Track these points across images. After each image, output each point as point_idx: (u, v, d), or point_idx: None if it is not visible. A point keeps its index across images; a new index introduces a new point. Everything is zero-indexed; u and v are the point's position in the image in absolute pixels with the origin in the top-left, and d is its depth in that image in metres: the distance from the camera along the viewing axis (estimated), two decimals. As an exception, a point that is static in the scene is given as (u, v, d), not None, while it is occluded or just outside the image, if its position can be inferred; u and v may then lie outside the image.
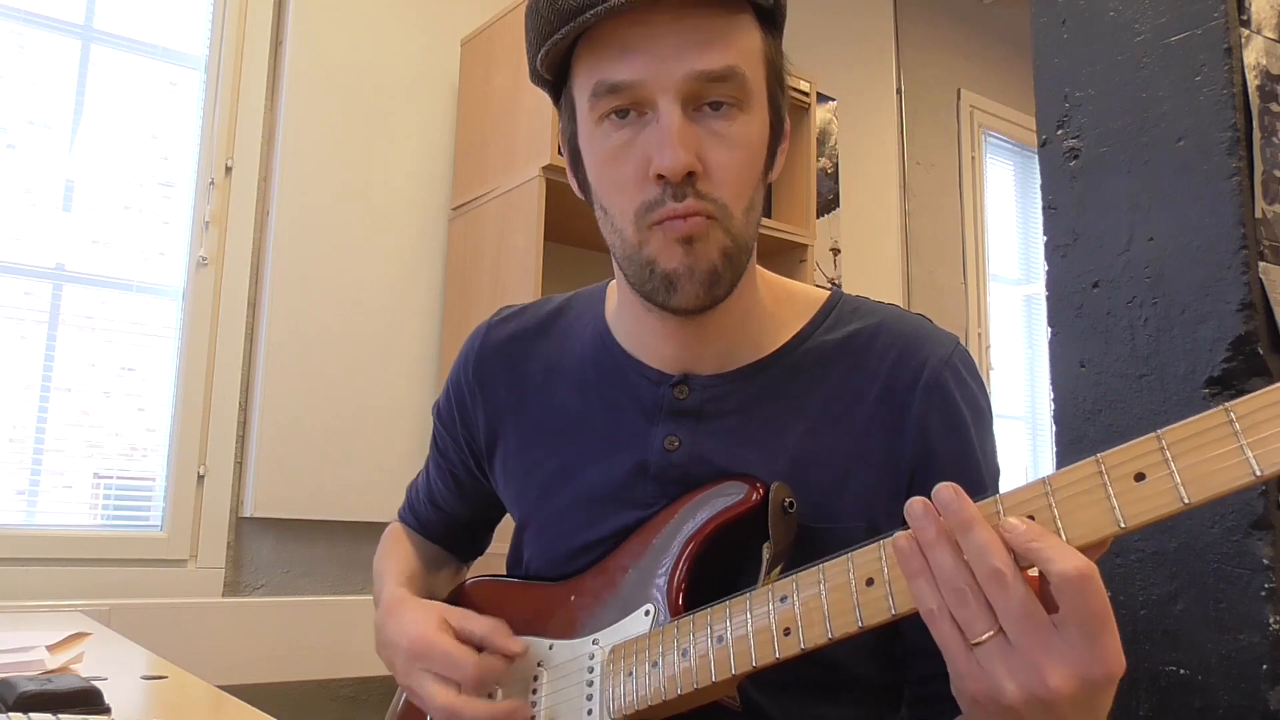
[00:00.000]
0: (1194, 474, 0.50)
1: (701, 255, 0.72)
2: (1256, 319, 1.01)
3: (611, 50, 0.71)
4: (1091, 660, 0.51)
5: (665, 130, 0.70)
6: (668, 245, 0.72)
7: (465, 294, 2.28)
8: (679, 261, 0.72)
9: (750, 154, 0.73)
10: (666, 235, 0.72)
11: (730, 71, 0.70)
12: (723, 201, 0.72)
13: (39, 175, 2.00)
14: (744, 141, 0.72)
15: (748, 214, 0.74)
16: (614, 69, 0.71)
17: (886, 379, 0.78)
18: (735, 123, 0.72)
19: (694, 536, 0.74)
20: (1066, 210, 1.19)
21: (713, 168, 0.71)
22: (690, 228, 0.71)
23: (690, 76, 0.70)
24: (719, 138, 0.71)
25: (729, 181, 0.72)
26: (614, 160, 0.73)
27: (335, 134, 2.27)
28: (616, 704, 0.72)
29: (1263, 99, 1.06)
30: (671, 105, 0.70)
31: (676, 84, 0.70)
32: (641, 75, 0.70)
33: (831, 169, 3.21)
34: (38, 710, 0.82)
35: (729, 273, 0.73)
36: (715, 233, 0.72)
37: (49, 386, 1.97)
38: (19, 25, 2.00)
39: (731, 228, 0.72)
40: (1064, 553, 0.51)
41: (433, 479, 1.03)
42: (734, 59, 0.71)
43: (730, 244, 0.73)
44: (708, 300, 0.73)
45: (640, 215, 0.72)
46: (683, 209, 0.70)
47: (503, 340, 0.93)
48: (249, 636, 2.05)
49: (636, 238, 0.73)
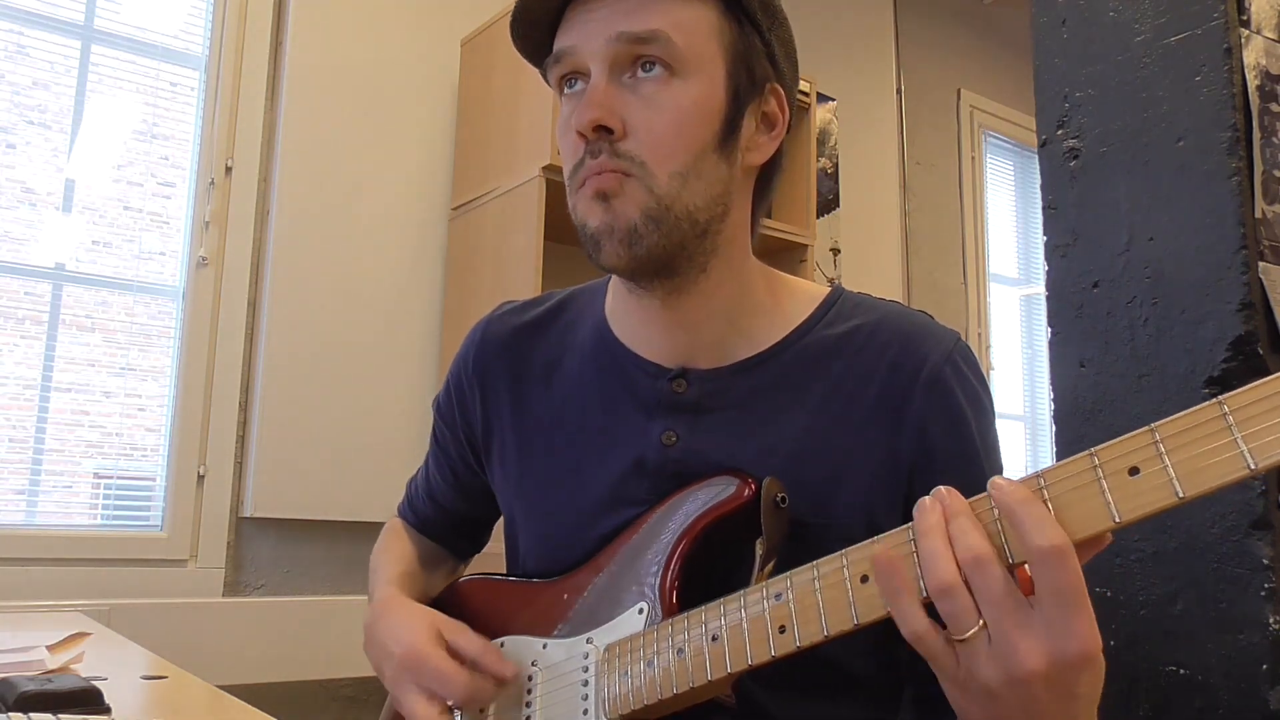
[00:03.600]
0: (1188, 468, 0.50)
1: (619, 213, 0.73)
2: (1256, 319, 1.01)
3: (564, 30, 0.77)
4: (1066, 637, 0.52)
5: (586, 91, 0.74)
6: (588, 203, 0.75)
7: (465, 294, 2.28)
8: (599, 219, 0.74)
9: (680, 118, 0.74)
10: (586, 191, 0.74)
11: (653, 35, 0.73)
12: (641, 159, 0.73)
13: (39, 175, 2.00)
14: (673, 105, 0.73)
15: (681, 178, 0.74)
16: (560, 40, 0.77)
17: (887, 374, 0.78)
18: (666, 87, 0.73)
19: (686, 534, 0.74)
20: (1066, 210, 1.19)
21: (635, 128, 0.73)
22: (602, 182, 0.73)
23: (613, 38, 0.73)
24: (644, 99, 0.73)
25: (652, 143, 0.73)
26: (563, 130, 0.78)
27: (335, 134, 2.27)
28: (613, 702, 0.72)
29: (1263, 99, 1.06)
30: (600, 69, 0.74)
31: (602, 47, 0.73)
32: (575, 41, 0.75)
33: (831, 169, 3.21)
34: (38, 710, 0.82)
35: (654, 235, 0.73)
36: (633, 189, 0.73)
37: (49, 386, 1.97)
38: (19, 25, 2.00)
39: (654, 187, 0.73)
40: (1043, 525, 0.52)
41: (432, 474, 1.03)
42: (659, 24, 0.73)
43: (652, 204, 0.73)
44: (630, 260, 0.74)
45: (570, 178, 0.76)
46: (596, 165, 0.73)
47: (503, 335, 0.93)
48: (249, 636, 2.05)
49: (570, 201, 0.77)
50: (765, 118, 0.80)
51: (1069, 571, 0.52)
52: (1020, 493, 0.53)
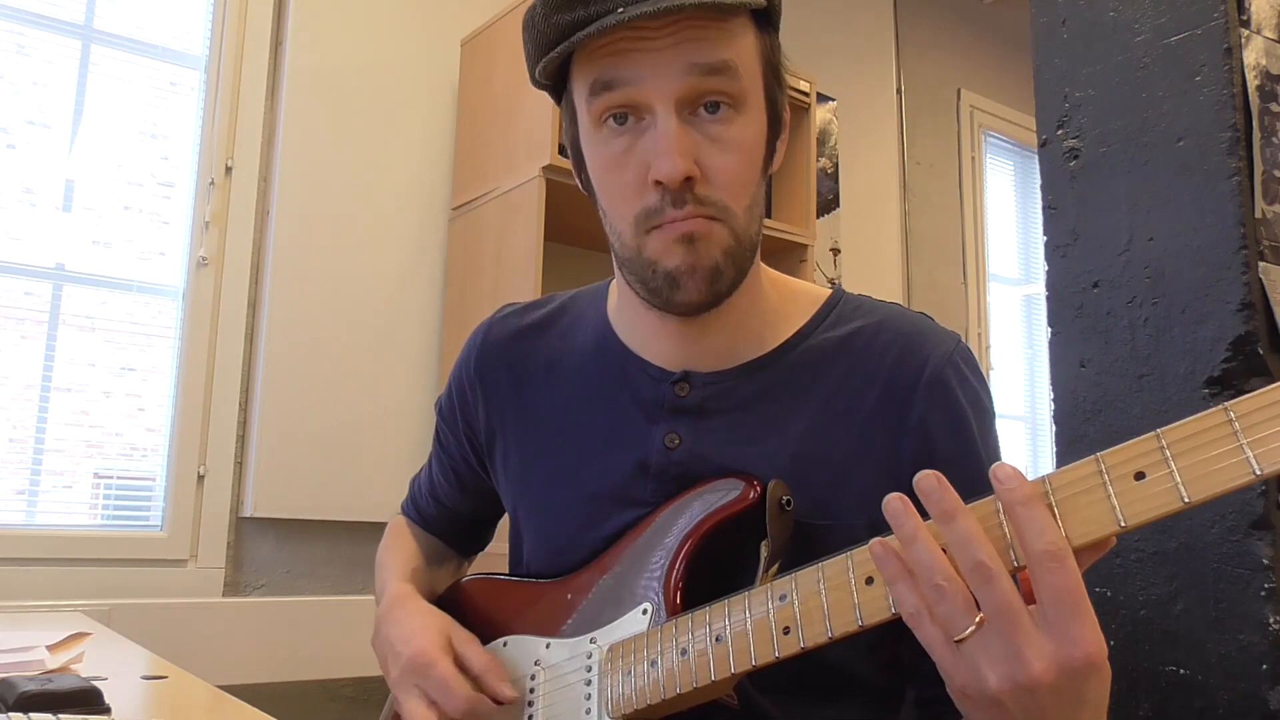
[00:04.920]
0: (1194, 473, 0.50)
1: (704, 253, 0.72)
2: (1256, 319, 1.01)
3: (607, 56, 0.72)
4: (1069, 643, 0.51)
5: (662, 136, 0.70)
6: (668, 245, 0.73)
7: (465, 294, 2.28)
8: (681, 259, 0.72)
9: (748, 155, 0.74)
10: (666, 236, 0.72)
11: (725, 65, 0.71)
12: (724, 204, 0.72)
13: (39, 175, 2.00)
14: (741, 144, 0.73)
15: (750, 211, 0.75)
16: (612, 69, 0.71)
17: (888, 376, 0.78)
18: (732, 125, 0.72)
19: (691, 535, 0.74)
20: (1066, 210, 1.19)
21: (711, 172, 0.72)
22: (691, 226, 0.72)
23: (685, 70, 0.70)
24: (716, 142, 0.72)
25: (728, 184, 0.73)
26: (614, 167, 0.74)
27: (335, 134, 2.27)
28: (615, 703, 0.72)
29: (1263, 99, 1.06)
30: (668, 110, 0.70)
31: (672, 85, 0.70)
32: (637, 74, 0.71)
33: (831, 169, 3.21)
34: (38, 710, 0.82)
35: (731, 270, 0.74)
36: (718, 232, 0.73)
37: (49, 386, 1.97)
38: (19, 25, 2.00)
39: (735, 226, 0.73)
40: (1041, 529, 0.52)
41: (435, 474, 1.03)
42: (728, 54, 0.71)
43: (733, 242, 0.73)
44: (710, 297, 0.74)
45: (640, 221, 0.73)
46: (683, 215, 0.71)
47: (505, 337, 0.93)
48: (249, 636, 2.05)
49: (635, 242, 0.74)
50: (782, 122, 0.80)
51: (1067, 575, 0.51)
52: (1020, 492, 0.53)
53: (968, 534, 0.54)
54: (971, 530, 0.54)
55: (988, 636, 0.53)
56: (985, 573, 0.53)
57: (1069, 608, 0.51)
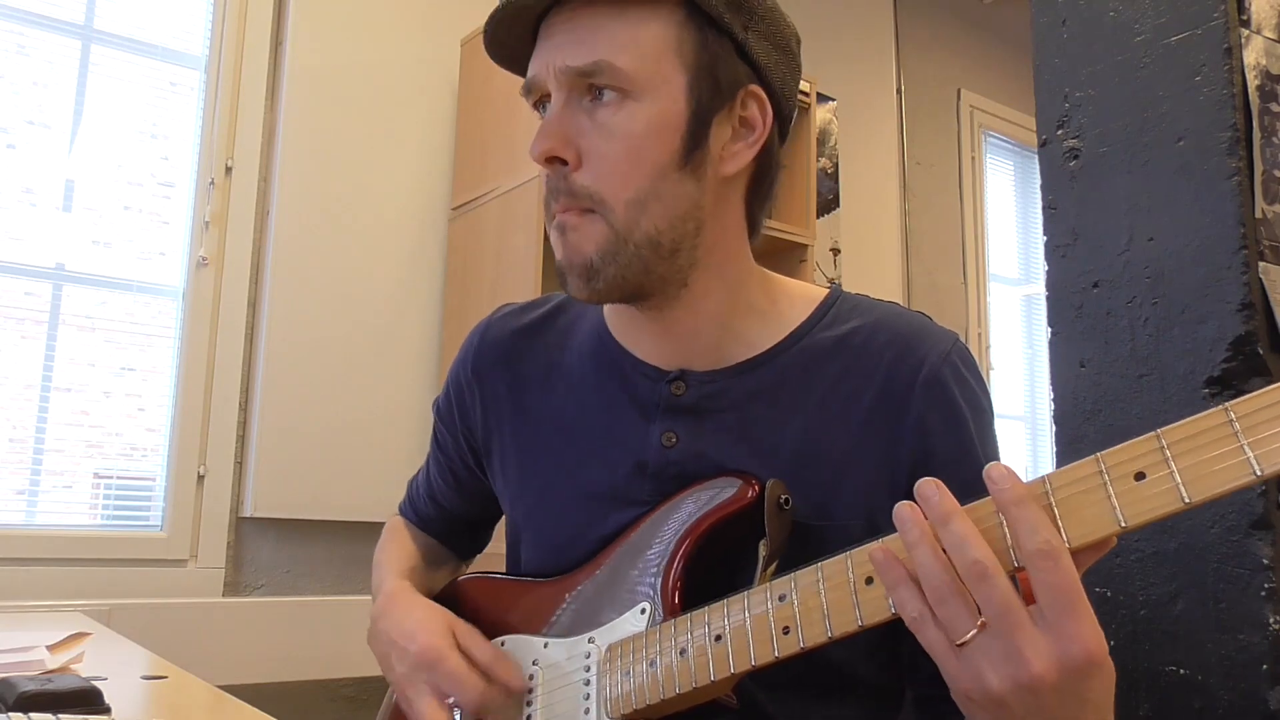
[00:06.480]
0: (1194, 474, 0.50)
1: (574, 246, 0.74)
2: (1256, 319, 1.01)
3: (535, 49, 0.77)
4: (1068, 640, 0.51)
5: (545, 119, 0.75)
6: (554, 236, 0.76)
7: (465, 294, 2.28)
8: (561, 253, 0.76)
9: (632, 143, 0.72)
10: (551, 226, 0.76)
11: (594, 68, 0.72)
12: (599, 195, 0.73)
13: (39, 175, 2.00)
14: (624, 131, 0.72)
15: (639, 206, 0.73)
16: (529, 67, 0.77)
17: (885, 376, 0.78)
18: (618, 113, 0.72)
19: (689, 534, 0.74)
20: (1066, 210, 1.19)
21: (590, 157, 0.73)
22: (563, 218, 0.74)
23: (561, 70, 0.73)
24: (598, 126, 0.73)
25: (605, 173, 0.73)
26: None
27: (335, 134, 2.27)
28: (614, 702, 0.72)
29: (1263, 99, 1.06)
30: (559, 97, 0.74)
31: (556, 76, 0.73)
32: (535, 70, 0.76)
33: (831, 169, 3.21)
34: (38, 710, 0.82)
35: (611, 268, 0.73)
36: (590, 226, 0.74)
37: (49, 386, 1.97)
38: (19, 25, 2.00)
39: (613, 221, 0.73)
40: (1036, 528, 0.52)
41: (433, 475, 1.03)
42: (601, 53, 0.72)
43: (610, 239, 0.73)
44: (590, 293, 0.75)
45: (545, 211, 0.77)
46: (559, 207, 0.74)
47: (503, 337, 0.93)
48: (249, 636, 2.05)
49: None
50: (743, 122, 0.77)
51: (1063, 573, 0.52)
52: (1013, 492, 0.53)
53: (962, 534, 0.54)
54: (966, 530, 0.54)
55: (988, 638, 0.53)
56: (980, 570, 0.53)
57: (1066, 606, 0.51)
